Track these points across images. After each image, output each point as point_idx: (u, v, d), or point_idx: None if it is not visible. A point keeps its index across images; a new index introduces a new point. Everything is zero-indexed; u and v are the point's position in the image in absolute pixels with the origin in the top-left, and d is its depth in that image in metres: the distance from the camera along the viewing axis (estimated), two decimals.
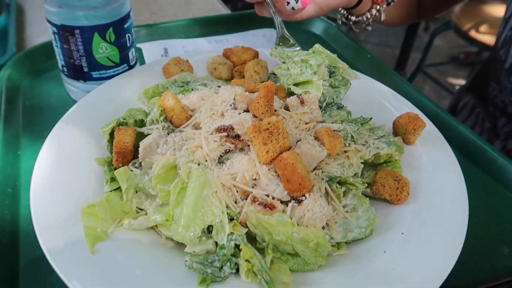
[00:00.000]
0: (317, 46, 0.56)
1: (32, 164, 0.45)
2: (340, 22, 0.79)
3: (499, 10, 2.12)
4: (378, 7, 0.74)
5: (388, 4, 0.75)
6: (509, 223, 0.49)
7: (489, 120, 0.82)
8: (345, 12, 0.78)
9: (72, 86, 0.63)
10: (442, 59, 2.96)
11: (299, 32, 0.85)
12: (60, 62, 0.60)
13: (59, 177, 0.43)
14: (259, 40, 0.83)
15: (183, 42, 0.81)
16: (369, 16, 0.76)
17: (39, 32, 0.85)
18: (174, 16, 0.95)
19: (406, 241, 0.40)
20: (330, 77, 0.55)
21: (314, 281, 0.37)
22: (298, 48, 0.63)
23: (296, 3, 0.60)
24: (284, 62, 0.58)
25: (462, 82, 2.71)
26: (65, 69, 0.60)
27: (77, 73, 0.60)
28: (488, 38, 1.97)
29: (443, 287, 0.36)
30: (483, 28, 2.07)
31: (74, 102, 0.60)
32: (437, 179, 0.47)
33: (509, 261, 0.45)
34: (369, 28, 0.76)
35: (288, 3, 0.61)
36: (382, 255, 0.39)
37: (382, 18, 0.76)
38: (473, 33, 2.06)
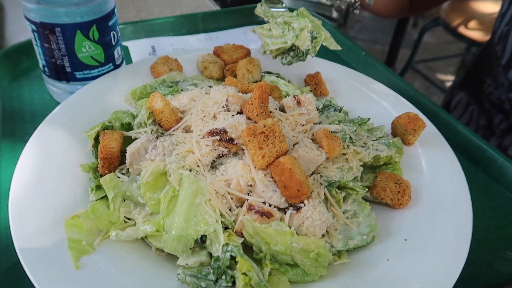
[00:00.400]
0: (302, 9, 0.54)
1: (13, 171, 0.42)
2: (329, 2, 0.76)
3: (487, 7, 2.13)
4: None
5: None
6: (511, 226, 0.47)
7: (484, 117, 0.80)
8: None
9: (55, 87, 0.59)
10: (432, 55, 2.97)
11: None
12: (41, 62, 0.57)
13: (40, 185, 0.40)
14: (250, 37, 0.81)
15: (172, 40, 0.78)
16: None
17: (20, 31, 0.81)
18: (161, 13, 0.92)
19: (409, 248, 0.39)
20: (311, 42, 0.52)
21: None
22: (284, 10, 0.59)
23: None
24: (267, 22, 0.55)
25: (451, 78, 2.73)
26: (46, 69, 0.57)
27: (60, 74, 0.57)
28: (477, 34, 1.98)
29: None
30: (472, 24, 2.07)
31: (57, 103, 0.58)
32: (439, 181, 0.45)
33: None
34: (357, 11, 0.74)
35: None
36: (385, 263, 0.37)
37: (371, 2, 0.74)
38: (462, 29, 2.07)
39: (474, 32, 1.96)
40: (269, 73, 0.60)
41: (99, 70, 0.58)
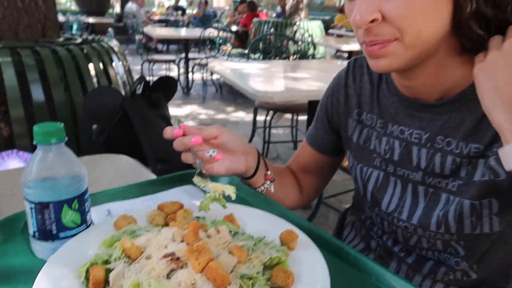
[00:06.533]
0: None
1: None
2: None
3: None
4: (268, 182, 1.09)
5: (272, 181, 1.10)
6: None
7: (363, 228, 1.14)
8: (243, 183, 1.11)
9: (40, 246, 0.80)
10: (339, 190, 3.50)
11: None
12: (33, 229, 0.79)
13: None
14: (181, 194, 1.11)
15: (122, 203, 1.05)
16: (263, 188, 1.09)
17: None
18: (109, 185, 1.20)
19: None
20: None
21: None
22: (209, 180, 0.91)
23: (213, 153, 0.91)
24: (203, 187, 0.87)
25: None
26: (36, 233, 0.79)
27: (47, 236, 0.79)
28: None
29: None
30: None
31: (38, 259, 0.79)
32: (310, 268, 0.73)
33: None
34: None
35: (208, 152, 0.91)
36: None
37: (272, 190, 1.09)
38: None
39: None
40: (198, 217, 0.89)
41: (76, 229, 0.81)
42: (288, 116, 5.16)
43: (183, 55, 7.32)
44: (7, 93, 2.09)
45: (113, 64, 2.74)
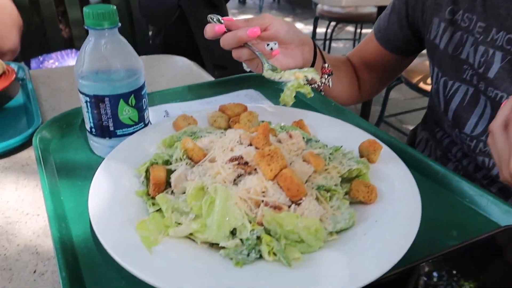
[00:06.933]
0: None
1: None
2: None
3: None
4: (326, 76, 0.95)
5: (330, 75, 0.95)
6: (455, 215, 0.64)
7: (440, 149, 0.99)
8: None
9: (97, 143, 0.76)
10: (401, 110, 3.28)
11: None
12: (89, 125, 0.74)
13: (113, 203, 0.56)
14: (242, 99, 1.01)
15: (180, 105, 0.97)
16: (320, 83, 0.96)
17: (50, 109, 0.99)
18: (167, 85, 1.13)
19: (378, 226, 0.55)
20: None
21: (317, 258, 0.50)
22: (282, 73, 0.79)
23: (274, 45, 0.77)
24: (279, 78, 0.75)
25: None
26: (93, 130, 0.74)
27: (104, 132, 0.74)
28: None
29: (406, 256, 0.50)
30: (429, 80, 2.37)
31: (96, 155, 0.75)
32: (396, 184, 0.62)
33: (457, 240, 0.60)
34: (322, 93, 0.96)
35: (268, 44, 0.78)
36: (363, 236, 0.53)
37: (330, 85, 0.95)
38: (422, 85, 2.35)
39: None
40: (263, 121, 0.79)
41: (134, 127, 0.75)
42: (351, 28, 4.76)
43: None
44: None
45: None
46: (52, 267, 0.56)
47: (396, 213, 0.57)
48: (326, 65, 0.95)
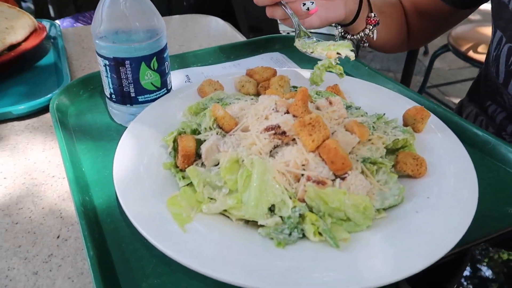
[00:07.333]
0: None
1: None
2: (337, 40, 0.90)
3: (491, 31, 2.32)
4: (371, 27, 0.87)
5: (375, 25, 0.87)
6: (509, 189, 0.59)
7: (493, 126, 0.91)
8: (341, 30, 0.90)
9: (117, 111, 0.71)
10: (444, 80, 3.08)
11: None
12: (109, 90, 0.69)
13: (139, 176, 0.52)
14: (267, 62, 0.94)
15: (201, 69, 0.91)
16: (362, 35, 0.88)
17: (80, 69, 0.95)
18: (200, 46, 1.07)
19: (431, 203, 0.50)
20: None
21: (365, 238, 0.45)
22: (315, 40, 0.72)
23: (312, 4, 0.71)
24: (311, 53, 0.69)
25: None
26: (113, 96, 0.69)
27: (125, 99, 0.68)
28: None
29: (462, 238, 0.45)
30: (480, 48, 2.19)
31: (116, 123, 0.70)
32: (446, 156, 0.57)
33: None
34: (366, 45, 0.88)
35: (304, 4, 0.71)
36: (415, 214, 0.48)
37: (375, 37, 0.88)
38: (471, 54, 2.18)
39: (484, 56, 2.11)
40: (294, 87, 0.73)
41: (156, 94, 0.70)
42: None
43: None
44: None
45: None
46: (75, 233, 0.53)
47: (450, 189, 0.51)
48: (372, 14, 0.87)
